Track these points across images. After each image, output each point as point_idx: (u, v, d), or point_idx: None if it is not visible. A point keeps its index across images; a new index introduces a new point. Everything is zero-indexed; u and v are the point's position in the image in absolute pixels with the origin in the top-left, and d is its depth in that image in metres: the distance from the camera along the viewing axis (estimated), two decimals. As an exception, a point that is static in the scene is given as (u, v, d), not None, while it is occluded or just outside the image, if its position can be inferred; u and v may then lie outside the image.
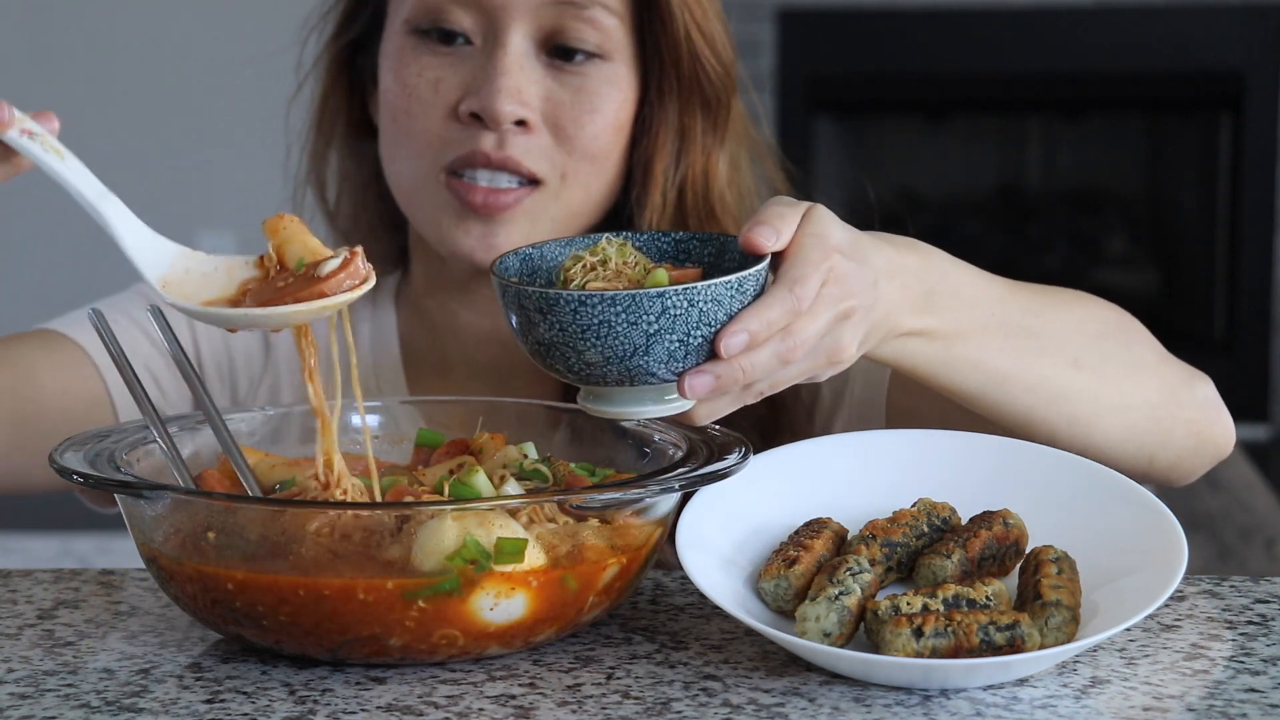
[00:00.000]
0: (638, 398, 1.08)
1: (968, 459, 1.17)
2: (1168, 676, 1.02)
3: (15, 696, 1.00)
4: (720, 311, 1.05)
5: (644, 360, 1.05)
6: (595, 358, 1.05)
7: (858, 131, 4.89)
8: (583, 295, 1.04)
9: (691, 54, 1.37)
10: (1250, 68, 4.58)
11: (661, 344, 1.04)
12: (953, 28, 4.59)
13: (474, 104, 1.34)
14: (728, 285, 1.05)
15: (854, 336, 1.10)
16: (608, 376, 1.06)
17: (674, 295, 1.03)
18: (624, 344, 1.04)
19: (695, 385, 1.05)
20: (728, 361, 1.05)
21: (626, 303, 1.03)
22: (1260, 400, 4.61)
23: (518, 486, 1.09)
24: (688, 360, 1.05)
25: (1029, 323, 1.21)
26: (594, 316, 1.04)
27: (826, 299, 1.08)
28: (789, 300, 1.06)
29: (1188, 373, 1.28)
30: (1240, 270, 4.63)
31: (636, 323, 1.04)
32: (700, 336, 1.05)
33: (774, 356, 1.06)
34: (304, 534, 1.01)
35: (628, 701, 0.98)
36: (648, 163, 1.38)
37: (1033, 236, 4.88)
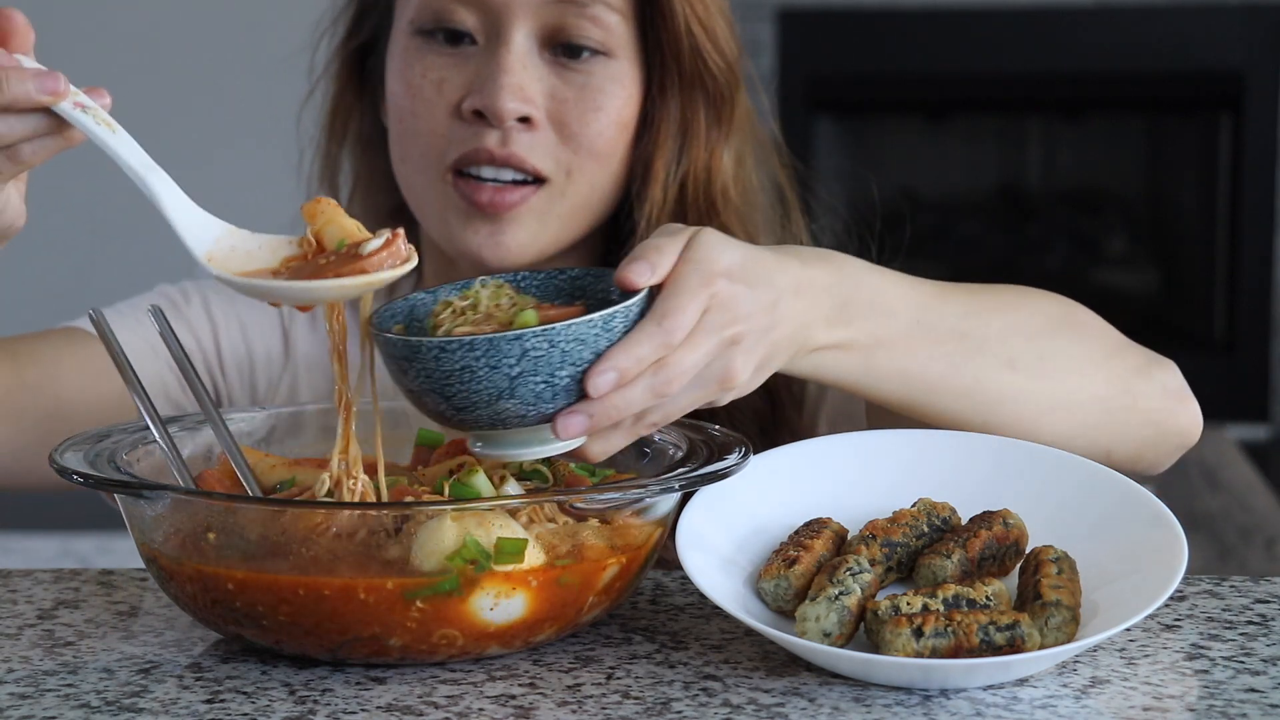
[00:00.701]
0: (523, 440, 1.06)
1: (968, 459, 1.17)
2: (1168, 676, 1.02)
3: (15, 696, 1.00)
4: (586, 350, 1.03)
5: (510, 403, 1.03)
6: (462, 403, 1.03)
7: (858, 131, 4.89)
8: (443, 341, 1.02)
9: (693, 49, 1.36)
10: (1250, 68, 4.58)
11: (526, 386, 1.02)
12: (953, 28, 4.59)
13: (477, 102, 1.34)
14: (590, 324, 1.03)
15: (746, 361, 1.08)
16: (479, 421, 1.04)
17: (533, 337, 1.01)
18: (488, 388, 1.02)
19: (568, 426, 1.04)
20: (599, 400, 1.03)
21: (484, 347, 1.01)
22: (1260, 400, 4.61)
23: (517, 487, 1.09)
24: (556, 401, 1.03)
25: (960, 325, 1.19)
26: (455, 362, 1.02)
27: (708, 326, 1.06)
28: (658, 334, 1.04)
29: (1145, 360, 1.26)
30: (1240, 270, 4.63)
31: (497, 366, 1.02)
32: (566, 376, 1.03)
33: (648, 391, 1.04)
34: (306, 531, 1.01)
35: (628, 701, 0.98)
36: (649, 158, 1.38)
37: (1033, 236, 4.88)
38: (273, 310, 1.48)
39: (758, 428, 1.37)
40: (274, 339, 1.48)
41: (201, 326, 1.45)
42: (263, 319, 1.48)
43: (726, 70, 1.38)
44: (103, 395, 1.37)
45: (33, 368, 1.36)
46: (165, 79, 4.51)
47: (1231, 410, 4.52)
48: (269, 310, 1.48)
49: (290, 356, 1.47)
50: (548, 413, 1.04)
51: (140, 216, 3.77)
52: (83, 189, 4.47)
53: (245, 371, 1.47)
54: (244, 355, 1.47)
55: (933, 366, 1.18)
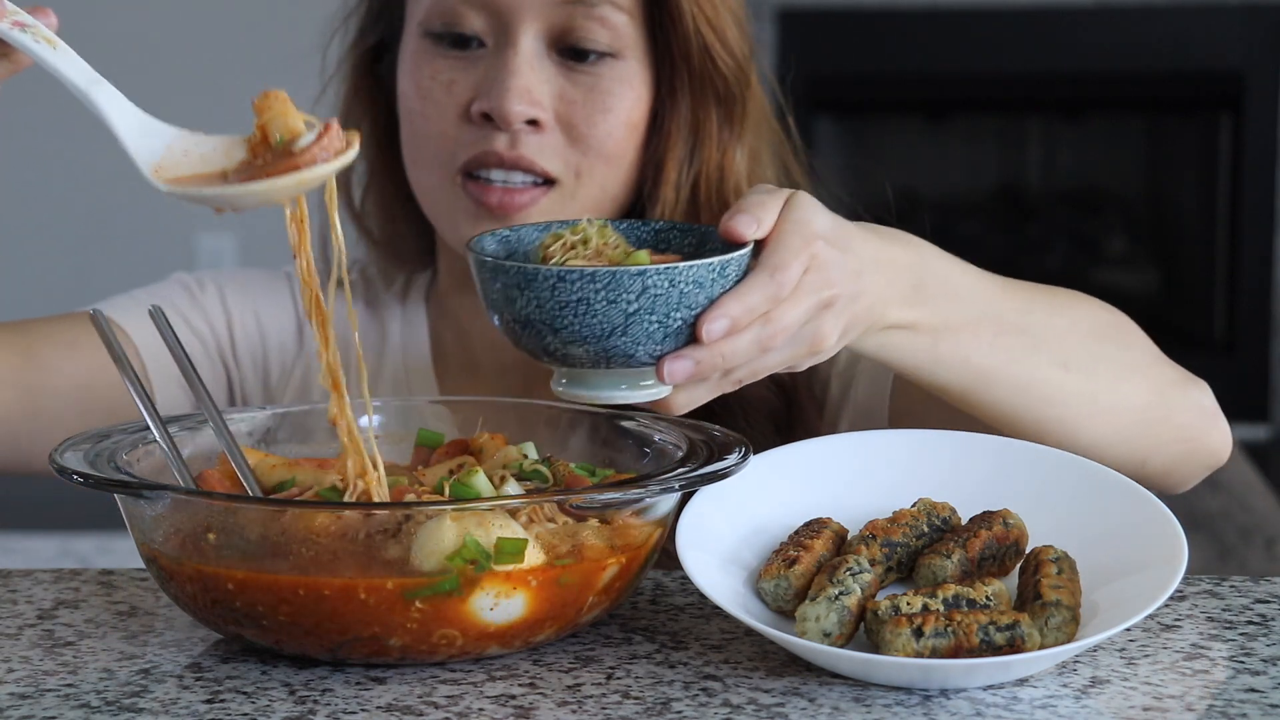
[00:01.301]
0: (613, 381, 1.07)
1: (968, 459, 1.17)
2: (1168, 676, 1.02)
3: (15, 696, 1.00)
4: (701, 294, 1.03)
5: (621, 340, 1.03)
6: (571, 336, 1.03)
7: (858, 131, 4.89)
8: (562, 271, 1.02)
9: (703, 49, 1.37)
10: (1250, 68, 4.57)
11: (640, 324, 1.03)
12: (953, 28, 4.59)
13: (485, 104, 1.34)
14: (710, 267, 1.03)
15: (835, 326, 1.09)
16: (584, 357, 1.04)
17: (655, 274, 1.02)
18: (602, 323, 1.03)
19: (674, 370, 1.04)
20: (708, 346, 1.04)
21: (606, 279, 1.02)
22: (1260, 400, 4.61)
23: (518, 487, 1.09)
24: (666, 344, 1.04)
25: (1021, 321, 1.20)
26: (573, 293, 1.02)
27: (808, 286, 1.07)
28: (770, 286, 1.05)
29: (1183, 377, 1.27)
30: (1240, 270, 4.63)
31: (616, 301, 1.02)
32: (680, 319, 1.03)
33: (754, 343, 1.05)
34: (306, 531, 1.01)
35: (628, 701, 0.98)
36: (660, 159, 1.38)
37: (1033, 236, 4.88)
38: (288, 298, 1.49)
39: (773, 426, 1.38)
40: (288, 328, 1.48)
41: (216, 315, 1.46)
42: (277, 308, 1.48)
43: (737, 69, 1.38)
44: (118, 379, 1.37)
45: (48, 350, 1.36)
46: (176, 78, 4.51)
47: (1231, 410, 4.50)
48: (284, 299, 1.49)
49: (304, 345, 1.48)
50: (655, 354, 1.04)
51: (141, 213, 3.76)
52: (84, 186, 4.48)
53: (259, 360, 1.47)
54: (258, 344, 1.47)
55: (994, 357, 1.18)
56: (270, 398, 1.46)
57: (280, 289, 1.49)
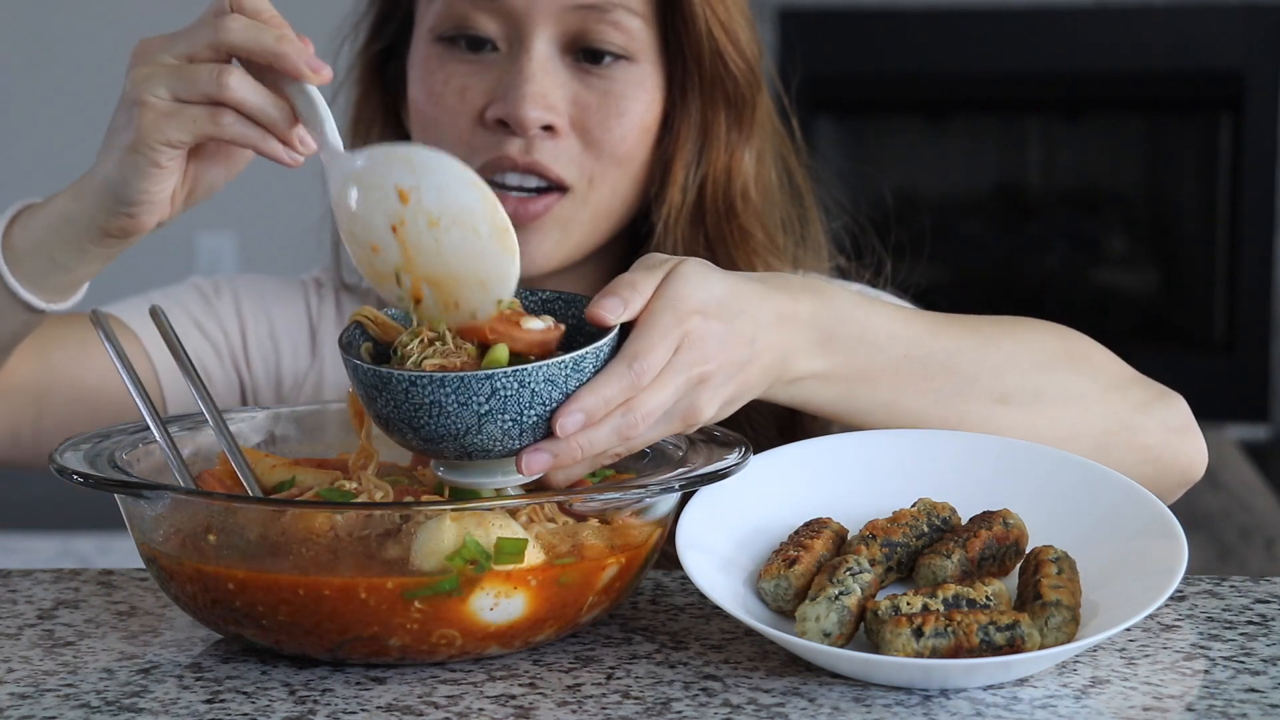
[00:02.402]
0: (485, 471, 1.06)
1: (968, 459, 1.17)
2: (1168, 676, 1.02)
3: (15, 696, 1.00)
4: (555, 391, 1.03)
5: (478, 439, 1.03)
6: (430, 434, 1.03)
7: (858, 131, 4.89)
8: (413, 375, 1.02)
9: (714, 51, 1.36)
10: (1250, 68, 4.58)
11: (494, 423, 1.02)
12: (953, 28, 4.59)
13: (499, 111, 1.34)
14: (562, 365, 1.02)
15: (712, 399, 1.07)
16: (445, 452, 1.04)
17: (503, 377, 1.01)
18: (456, 423, 1.02)
19: (531, 462, 1.03)
20: (564, 440, 1.03)
21: (455, 384, 1.01)
22: (1260, 400, 4.61)
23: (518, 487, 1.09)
24: (524, 438, 1.03)
25: (950, 361, 1.18)
26: (424, 396, 1.02)
27: (677, 366, 1.05)
28: (627, 376, 1.03)
29: (1151, 397, 1.25)
30: (1240, 270, 4.63)
31: (467, 403, 1.02)
32: (535, 415, 1.03)
33: (613, 433, 1.04)
34: (306, 532, 1.01)
35: (628, 701, 0.98)
36: (668, 161, 1.38)
37: (1033, 236, 4.88)
38: (302, 306, 1.49)
39: (777, 428, 1.38)
40: (301, 335, 1.48)
41: (230, 321, 1.46)
42: (292, 315, 1.48)
43: (747, 72, 1.38)
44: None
45: (59, 351, 1.36)
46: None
47: (1231, 410, 4.52)
48: (298, 306, 1.49)
49: (317, 353, 1.48)
50: (513, 448, 1.04)
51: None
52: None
53: (271, 367, 1.47)
54: (270, 350, 1.47)
55: (919, 401, 1.18)
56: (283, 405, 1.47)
57: (295, 296, 1.49)
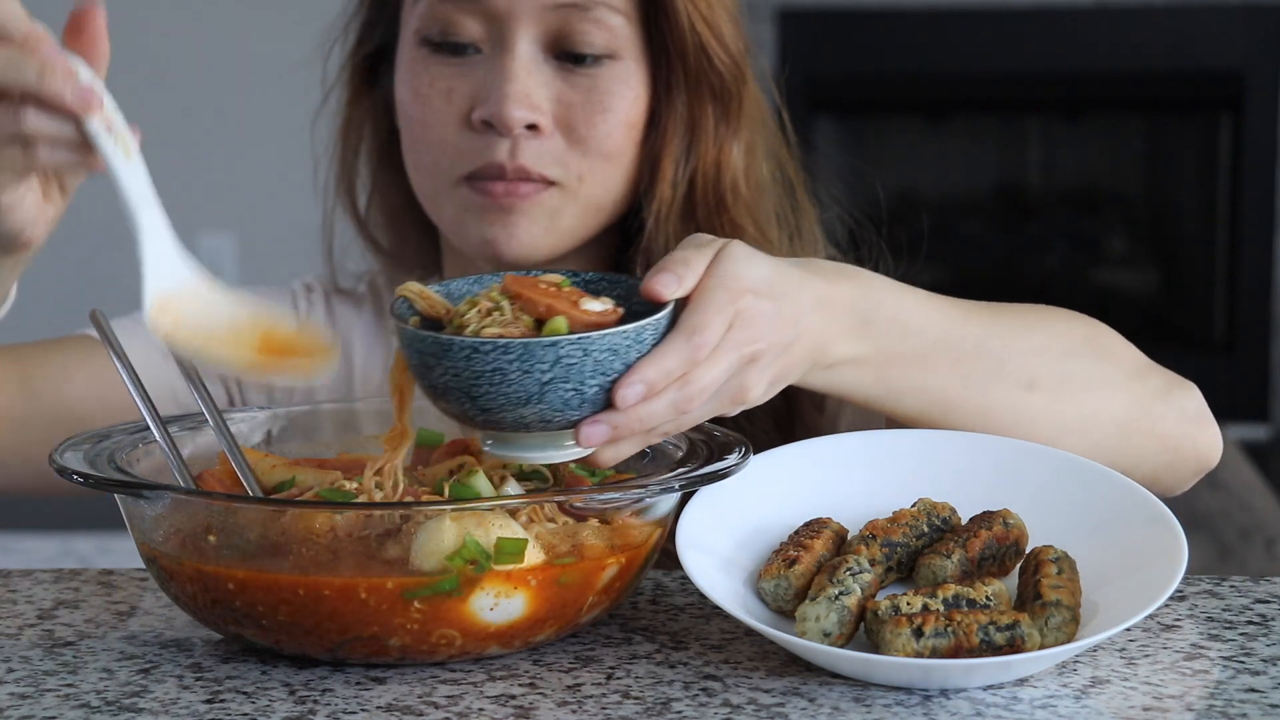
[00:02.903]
0: (537, 444, 1.06)
1: (968, 459, 1.17)
2: (1168, 676, 1.02)
3: (15, 696, 1.00)
4: (617, 361, 1.03)
5: (538, 408, 1.03)
6: (488, 404, 1.03)
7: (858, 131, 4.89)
8: (476, 342, 1.02)
9: (698, 46, 1.37)
10: (1250, 68, 4.58)
11: (555, 393, 1.02)
12: (953, 28, 4.59)
13: (484, 112, 1.35)
14: (625, 335, 1.03)
15: (760, 378, 1.09)
16: (502, 423, 1.04)
17: (568, 345, 1.01)
18: (517, 391, 1.02)
19: (591, 435, 1.04)
20: (623, 412, 1.04)
21: (519, 351, 1.01)
22: (1260, 400, 4.61)
23: (517, 487, 1.09)
24: (583, 409, 1.03)
25: (980, 346, 1.19)
26: (487, 363, 1.01)
27: (730, 344, 1.06)
28: (686, 349, 1.04)
29: (1169, 384, 1.26)
30: (1240, 270, 4.63)
31: (530, 371, 1.01)
32: (595, 386, 1.03)
33: (670, 406, 1.05)
34: (306, 531, 1.01)
35: (628, 701, 0.98)
36: (657, 156, 1.38)
37: (1033, 236, 4.88)
38: None
39: (773, 422, 1.38)
40: None
41: None
42: None
43: (732, 66, 1.38)
44: (112, 406, 1.36)
45: (40, 378, 1.36)
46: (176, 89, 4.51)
47: (1231, 410, 4.52)
48: None
49: None
50: (572, 420, 1.04)
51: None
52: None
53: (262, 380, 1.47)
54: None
55: (950, 386, 1.18)
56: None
57: (282, 305, 1.49)
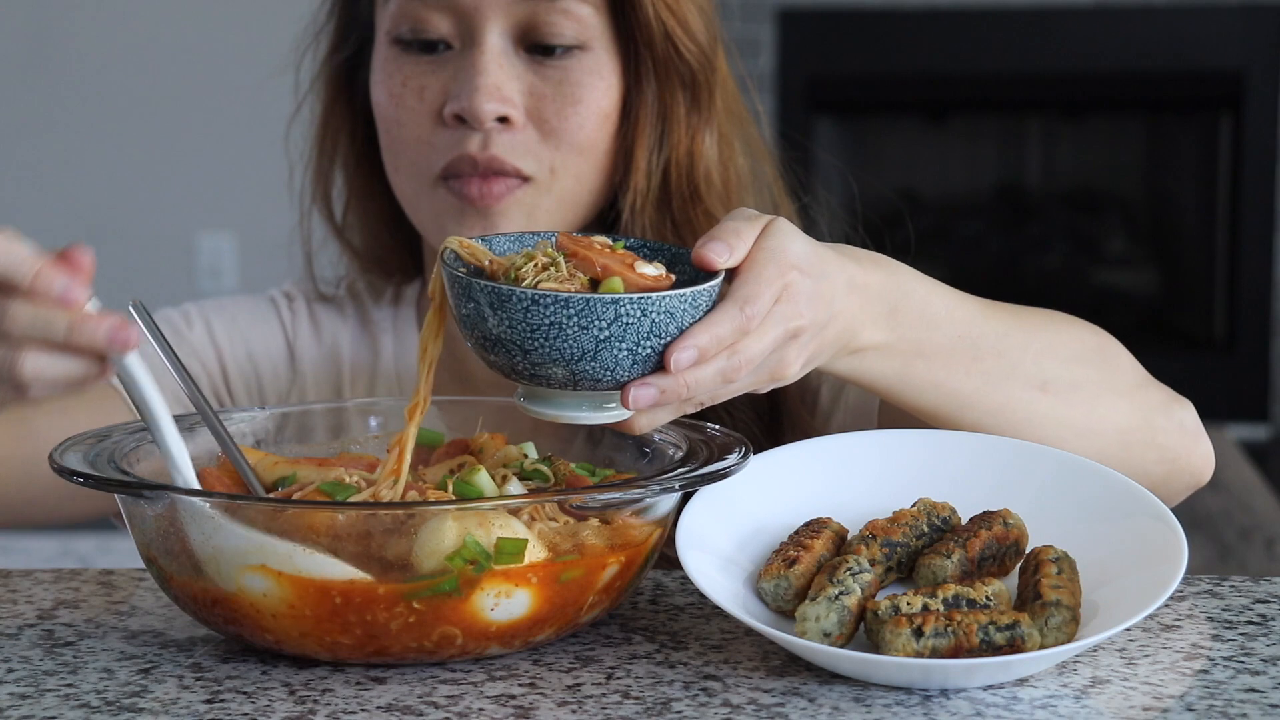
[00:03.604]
0: (576, 402, 1.07)
1: (968, 459, 1.17)
2: (1168, 676, 1.02)
3: (15, 696, 1.00)
4: (672, 324, 1.04)
5: (590, 365, 1.03)
6: (541, 358, 1.03)
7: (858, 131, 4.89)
8: (536, 294, 1.02)
9: (665, 35, 1.37)
10: (1250, 68, 4.58)
11: (610, 351, 1.03)
12: (953, 28, 4.59)
13: (455, 106, 1.35)
14: (682, 298, 1.03)
15: (799, 355, 1.09)
16: (552, 378, 1.05)
17: (628, 303, 1.02)
18: (572, 347, 1.03)
19: (640, 397, 1.04)
20: (673, 376, 1.04)
21: (580, 306, 1.02)
22: (1260, 400, 4.61)
23: (520, 487, 1.09)
24: (634, 370, 1.04)
25: (999, 344, 1.20)
26: (545, 316, 1.02)
27: (777, 317, 1.07)
28: (739, 318, 1.05)
29: (1168, 399, 1.27)
30: (1240, 270, 4.63)
31: (588, 327, 1.02)
32: (649, 347, 1.04)
33: (718, 374, 1.05)
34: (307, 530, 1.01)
35: (628, 701, 0.99)
36: (630, 147, 1.38)
37: (1033, 236, 4.88)
38: (276, 323, 1.49)
39: (755, 414, 1.38)
40: (279, 353, 1.48)
41: (206, 350, 1.46)
42: (267, 334, 1.48)
43: (700, 55, 1.39)
44: None
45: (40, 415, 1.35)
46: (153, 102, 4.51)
47: (1231, 410, 4.52)
48: (272, 324, 1.49)
49: (296, 369, 1.48)
50: (620, 380, 1.04)
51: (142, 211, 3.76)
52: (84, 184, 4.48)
53: (253, 388, 1.47)
54: (250, 373, 1.47)
55: (968, 382, 1.19)
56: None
57: (267, 315, 1.49)
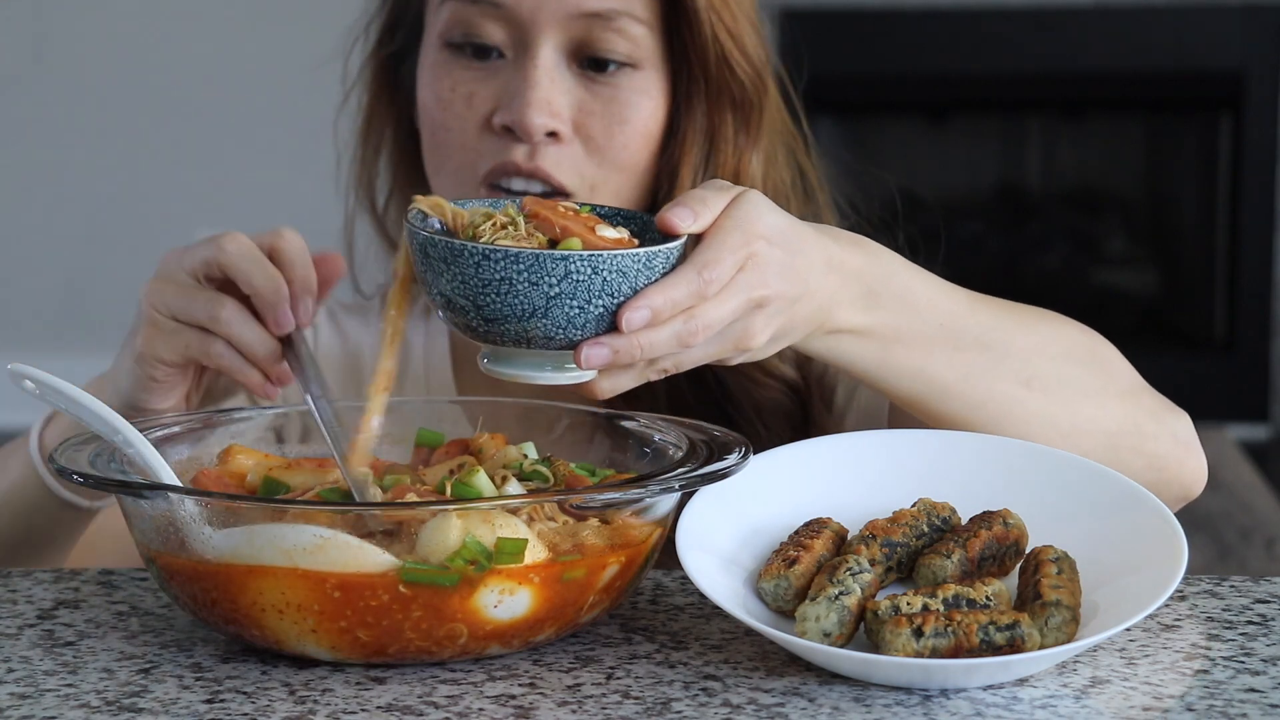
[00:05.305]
0: (537, 363, 1.07)
1: (969, 459, 1.17)
2: (1168, 676, 1.02)
3: (15, 696, 1.00)
4: (625, 284, 1.04)
5: (542, 323, 1.04)
6: (493, 314, 1.04)
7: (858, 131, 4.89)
8: (487, 249, 1.03)
9: (720, 57, 1.37)
10: (1250, 68, 4.57)
11: (561, 308, 1.03)
12: (953, 28, 4.59)
13: (505, 117, 1.35)
14: (635, 258, 1.04)
15: (765, 325, 1.09)
16: (504, 335, 1.05)
17: (578, 260, 1.02)
18: (523, 303, 1.03)
19: (591, 356, 1.05)
20: (626, 336, 1.04)
21: (530, 261, 1.02)
22: (1260, 400, 4.61)
23: (519, 487, 1.09)
24: (586, 329, 1.04)
25: (985, 337, 1.19)
26: (496, 271, 1.03)
27: (739, 285, 1.07)
28: (695, 282, 1.05)
29: (1161, 406, 1.26)
30: (1240, 270, 4.63)
31: (538, 283, 1.02)
32: (601, 306, 1.04)
33: (674, 337, 1.05)
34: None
35: (628, 701, 0.99)
36: (675, 166, 1.38)
37: (1033, 236, 4.88)
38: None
39: (789, 427, 1.38)
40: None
41: None
42: None
43: (754, 76, 1.38)
44: None
45: None
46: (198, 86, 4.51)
47: (1231, 410, 4.52)
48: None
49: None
50: (574, 339, 1.05)
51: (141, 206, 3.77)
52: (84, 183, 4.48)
53: None
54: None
55: (950, 371, 1.18)
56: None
57: None
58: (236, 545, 1.02)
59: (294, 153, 3.85)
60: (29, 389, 1.08)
